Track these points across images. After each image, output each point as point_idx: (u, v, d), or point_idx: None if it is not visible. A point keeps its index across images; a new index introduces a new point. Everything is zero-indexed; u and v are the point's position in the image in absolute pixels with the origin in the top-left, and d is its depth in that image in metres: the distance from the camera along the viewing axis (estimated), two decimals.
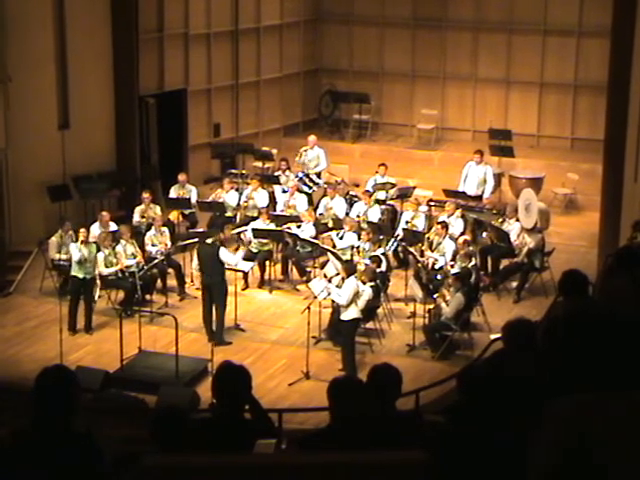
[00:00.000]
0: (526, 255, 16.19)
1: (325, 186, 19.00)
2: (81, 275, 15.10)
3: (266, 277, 16.85)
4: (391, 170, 19.20)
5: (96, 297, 15.61)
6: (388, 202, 18.53)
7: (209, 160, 21.56)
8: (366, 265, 14.73)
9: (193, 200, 18.20)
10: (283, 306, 16.18)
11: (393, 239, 16.79)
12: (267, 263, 16.87)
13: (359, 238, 16.07)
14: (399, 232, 16.92)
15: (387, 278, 15.69)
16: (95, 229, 16.45)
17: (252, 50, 22.71)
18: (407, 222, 17.14)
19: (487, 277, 16.53)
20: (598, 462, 3.07)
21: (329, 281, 14.43)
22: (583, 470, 3.09)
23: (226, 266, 15.01)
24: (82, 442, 4.29)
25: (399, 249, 17.03)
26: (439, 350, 14.23)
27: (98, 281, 15.58)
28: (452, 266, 15.32)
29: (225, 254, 14.94)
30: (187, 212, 18.14)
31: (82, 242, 15.17)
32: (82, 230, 15.38)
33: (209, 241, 15.00)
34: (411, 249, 16.17)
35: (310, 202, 18.56)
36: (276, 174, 19.42)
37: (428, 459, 3.19)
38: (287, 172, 19.27)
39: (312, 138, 20.27)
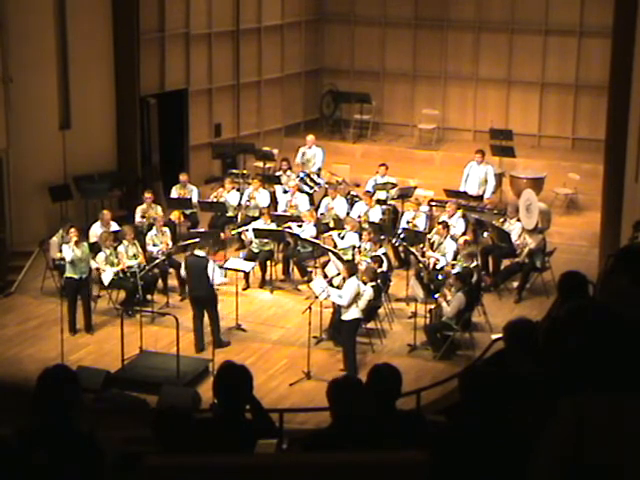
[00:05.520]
0: (527, 255, 16.19)
1: (326, 186, 19.01)
2: (77, 275, 15.07)
3: (267, 277, 16.84)
4: (392, 170, 19.21)
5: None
6: (389, 202, 18.54)
7: (210, 160, 21.56)
8: (367, 265, 14.73)
9: (194, 200, 18.20)
10: (284, 306, 16.18)
11: (396, 237, 16.81)
12: (268, 263, 16.87)
13: (360, 238, 16.07)
14: (400, 231, 16.94)
15: (388, 278, 15.69)
16: (96, 228, 16.47)
17: (253, 50, 22.71)
18: (408, 222, 17.15)
19: (488, 277, 16.53)
20: (597, 462, 3.08)
21: (330, 281, 14.43)
22: (583, 469, 3.10)
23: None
24: (84, 442, 4.30)
25: (400, 249, 17.05)
26: (440, 350, 14.23)
27: (95, 271, 15.50)
28: (453, 266, 15.32)
29: (212, 269, 14.50)
30: (188, 212, 18.14)
31: (75, 242, 15.04)
32: (72, 230, 15.14)
33: (200, 253, 14.73)
34: (412, 249, 16.17)
35: (311, 202, 18.57)
36: (277, 174, 19.44)
37: (428, 459, 3.19)
38: (288, 172, 19.29)
39: (310, 137, 20.34)
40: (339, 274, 14.59)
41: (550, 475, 3.12)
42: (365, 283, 14.01)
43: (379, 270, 14.94)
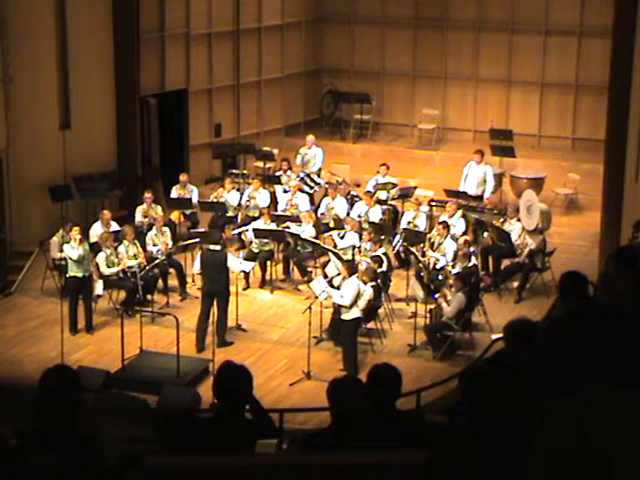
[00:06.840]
0: (527, 256, 16.19)
1: (326, 186, 19.01)
2: (80, 274, 15.09)
3: (267, 277, 16.85)
4: (392, 170, 19.21)
5: (96, 292, 15.56)
6: (389, 202, 18.54)
7: (210, 160, 21.56)
8: (367, 265, 14.73)
9: (194, 200, 18.21)
10: (284, 306, 16.18)
11: (396, 237, 16.79)
12: (268, 263, 16.87)
13: (360, 238, 16.08)
14: (400, 231, 16.94)
15: (388, 278, 15.69)
16: (97, 229, 16.47)
17: (253, 50, 22.70)
18: (408, 222, 17.15)
19: (488, 277, 16.53)
20: (597, 461, 3.08)
21: (330, 282, 14.42)
22: (584, 469, 3.10)
23: (230, 272, 14.79)
24: (84, 442, 4.29)
25: (400, 249, 17.04)
26: (440, 350, 14.23)
27: (95, 276, 15.52)
28: (453, 266, 15.32)
29: (232, 261, 14.71)
30: (188, 212, 18.14)
31: (79, 241, 15.05)
32: (75, 228, 15.16)
33: (215, 247, 14.82)
34: (412, 249, 16.17)
35: (311, 202, 18.58)
36: (277, 174, 19.45)
37: (428, 459, 3.19)
38: (288, 172, 19.29)
39: (310, 138, 20.32)
40: (339, 274, 14.59)
41: (548, 475, 3.13)
42: (365, 283, 14.02)
43: (379, 270, 14.94)
